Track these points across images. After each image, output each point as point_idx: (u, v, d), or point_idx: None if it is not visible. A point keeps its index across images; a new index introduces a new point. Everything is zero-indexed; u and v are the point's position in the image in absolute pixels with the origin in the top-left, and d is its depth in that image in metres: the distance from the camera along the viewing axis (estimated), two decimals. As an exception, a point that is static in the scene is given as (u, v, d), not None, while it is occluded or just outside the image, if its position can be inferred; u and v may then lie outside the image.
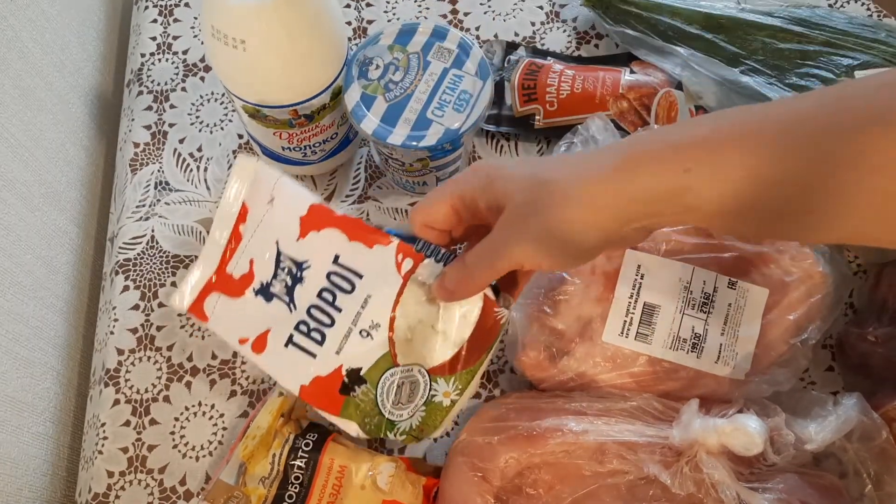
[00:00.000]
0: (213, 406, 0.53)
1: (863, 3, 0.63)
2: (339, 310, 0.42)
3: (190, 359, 0.54)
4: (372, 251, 0.42)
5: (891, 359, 0.47)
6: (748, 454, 0.43)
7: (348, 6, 0.65)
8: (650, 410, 0.46)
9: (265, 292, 0.43)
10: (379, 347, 0.42)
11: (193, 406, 0.53)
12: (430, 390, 0.42)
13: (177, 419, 0.52)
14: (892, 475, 0.44)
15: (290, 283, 0.43)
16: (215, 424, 0.52)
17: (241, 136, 0.61)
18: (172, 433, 0.52)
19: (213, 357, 0.54)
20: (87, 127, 0.63)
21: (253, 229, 0.44)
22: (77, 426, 0.58)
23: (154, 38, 0.64)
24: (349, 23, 0.65)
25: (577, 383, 0.49)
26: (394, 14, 0.65)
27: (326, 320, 0.42)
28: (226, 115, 0.62)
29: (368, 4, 0.65)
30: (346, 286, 0.42)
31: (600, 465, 0.44)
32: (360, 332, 0.42)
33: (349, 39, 0.64)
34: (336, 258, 0.43)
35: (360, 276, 0.42)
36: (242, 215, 0.44)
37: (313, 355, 0.42)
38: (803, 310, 0.47)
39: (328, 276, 0.43)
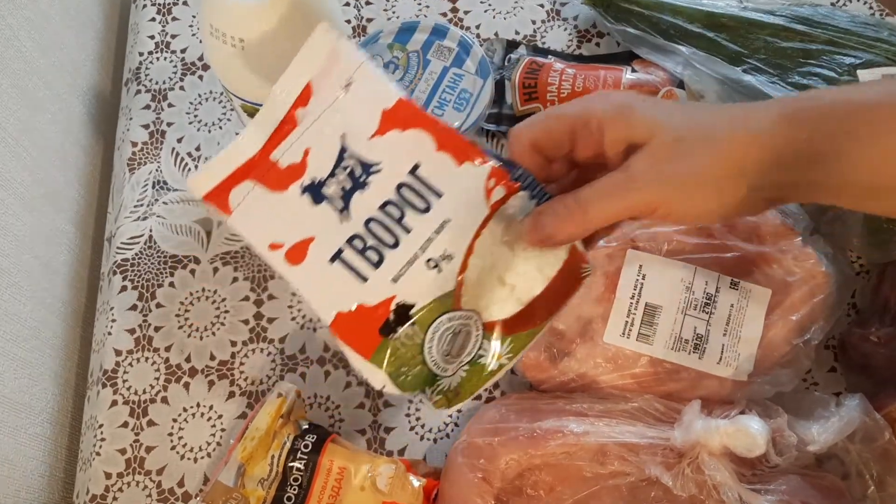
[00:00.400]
0: (211, 407, 0.52)
1: (865, 2, 0.63)
2: (408, 230, 0.36)
3: (188, 359, 0.54)
4: (460, 169, 0.36)
5: (893, 359, 0.47)
6: (750, 455, 0.43)
7: (347, 4, 0.65)
8: (651, 412, 0.46)
9: (315, 192, 0.36)
10: (444, 284, 0.35)
11: (192, 407, 0.52)
12: (479, 348, 0.36)
13: (175, 420, 0.52)
14: (894, 476, 0.44)
15: (348, 186, 0.36)
16: (214, 426, 0.52)
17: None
18: (171, 434, 0.52)
19: (212, 358, 0.54)
20: (85, 126, 0.63)
21: (315, 115, 0.36)
22: (75, 427, 0.58)
23: (152, 37, 0.64)
24: (348, 21, 0.65)
25: (577, 384, 0.48)
26: (393, 12, 0.65)
27: (389, 239, 0.36)
28: (224, 114, 0.61)
29: (368, 3, 0.65)
30: (420, 204, 0.36)
31: (601, 466, 0.44)
32: (428, 262, 0.35)
33: (348, 38, 0.64)
34: (415, 168, 0.36)
35: (440, 196, 0.36)
36: (304, 97, 0.36)
37: (364, 278, 0.35)
38: (806, 310, 0.47)
39: (399, 187, 0.36)
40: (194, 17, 0.65)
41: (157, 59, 0.63)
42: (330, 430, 0.48)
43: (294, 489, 0.45)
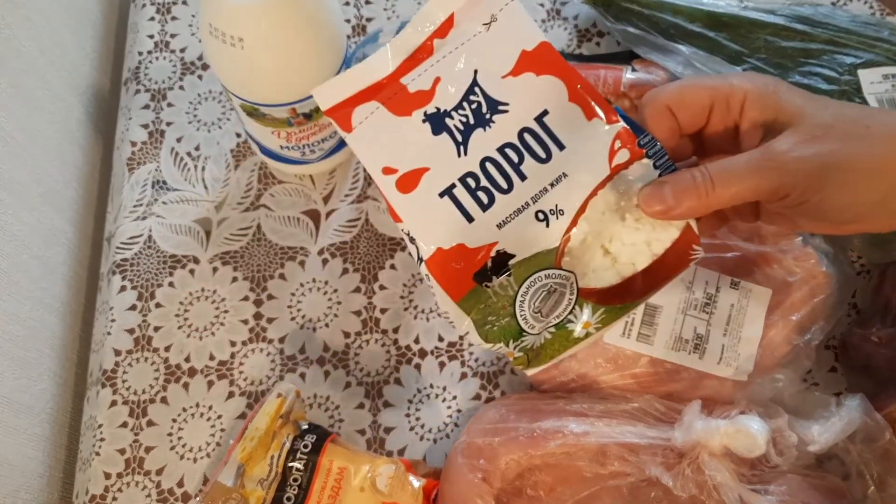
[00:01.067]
0: (210, 407, 0.52)
1: (865, 2, 0.63)
2: (523, 177, 0.35)
3: (188, 359, 0.54)
4: (588, 124, 0.35)
5: (894, 360, 0.47)
6: (751, 456, 0.43)
7: (347, 3, 0.65)
8: (652, 412, 0.46)
9: (438, 121, 0.35)
10: (549, 239, 0.34)
11: (191, 407, 0.52)
12: (569, 312, 0.35)
13: (174, 420, 0.52)
14: (895, 477, 0.44)
15: (472, 121, 0.35)
16: (213, 426, 0.52)
17: (238, 135, 0.60)
18: (170, 434, 0.52)
19: (211, 358, 0.54)
20: (84, 126, 0.63)
21: (452, 47, 0.36)
22: (74, 427, 0.58)
23: (151, 37, 0.64)
24: (348, 20, 0.64)
25: (578, 384, 0.48)
26: (393, 12, 0.65)
27: (503, 183, 0.34)
28: (224, 113, 0.61)
29: (367, 2, 0.65)
30: (541, 153, 0.35)
31: (601, 466, 0.44)
32: (537, 214, 0.34)
33: (348, 37, 0.64)
34: (542, 115, 0.35)
35: (562, 148, 0.35)
36: (444, 28, 0.35)
37: (470, 219, 0.34)
38: (806, 310, 0.47)
39: (523, 132, 0.35)
40: (194, 16, 0.65)
41: (157, 58, 0.63)
42: (330, 431, 0.48)
43: (294, 489, 0.44)
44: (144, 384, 0.53)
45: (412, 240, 0.35)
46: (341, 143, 0.56)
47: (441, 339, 0.54)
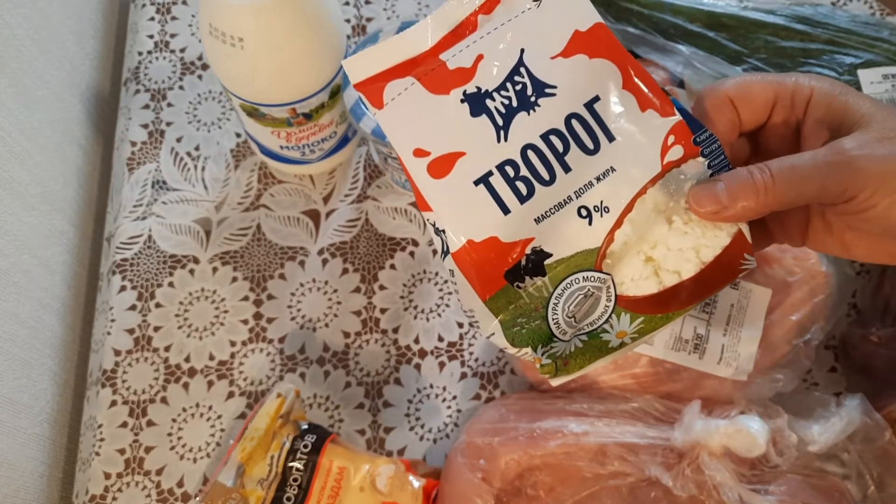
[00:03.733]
0: (210, 407, 0.52)
1: (865, 2, 0.63)
2: (567, 169, 0.32)
3: (188, 360, 0.54)
4: (642, 115, 0.32)
5: (894, 360, 0.47)
6: (750, 456, 0.43)
7: (347, 3, 0.65)
8: (651, 412, 0.46)
9: (478, 102, 0.32)
10: (591, 238, 0.31)
11: (191, 407, 0.52)
12: (605, 321, 0.32)
13: (174, 420, 0.52)
14: (894, 476, 0.44)
15: (514, 104, 0.32)
16: (213, 426, 0.52)
17: (238, 135, 0.60)
18: (170, 434, 0.52)
19: (211, 358, 0.54)
20: (84, 125, 0.63)
21: (497, 24, 0.33)
22: (74, 428, 0.58)
23: (151, 37, 0.64)
24: (348, 20, 0.64)
25: (577, 384, 0.48)
26: (393, 12, 0.65)
27: (545, 174, 0.32)
28: (224, 113, 0.61)
29: (367, 2, 0.65)
30: (588, 143, 0.32)
31: (601, 466, 0.44)
32: (580, 210, 0.31)
33: (348, 37, 0.64)
34: (593, 101, 0.32)
35: (612, 139, 0.32)
36: (490, 3, 0.33)
37: (506, 210, 0.31)
38: (806, 310, 0.47)
39: (570, 118, 0.32)
40: (193, 16, 0.65)
41: (157, 58, 0.63)
42: (330, 431, 0.48)
43: (293, 489, 0.44)
44: (144, 384, 0.53)
45: (439, 231, 0.33)
46: (341, 144, 0.56)
47: (441, 339, 0.54)
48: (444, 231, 0.32)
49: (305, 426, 0.48)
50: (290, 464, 0.45)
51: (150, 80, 0.62)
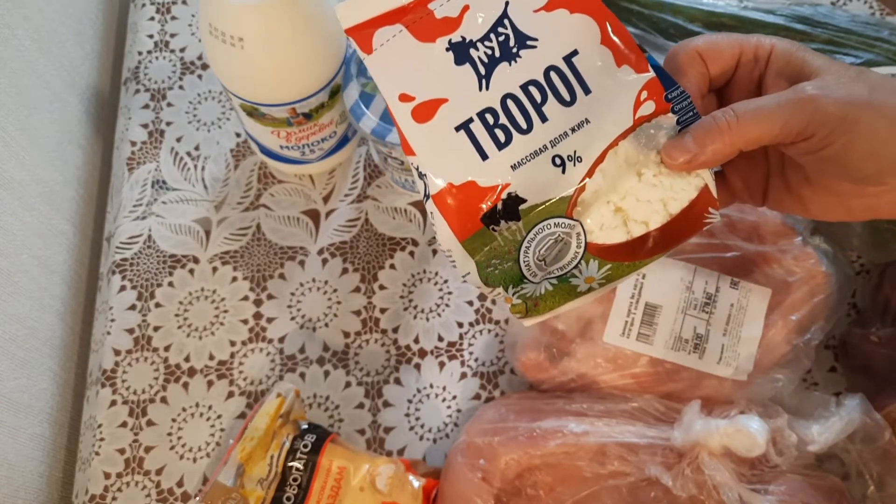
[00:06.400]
0: (210, 407, 0.52)
1: (865, 1, 0.63)
2: (544, 119, 0.33)
3: (187, 359, 0.54)
4: (617, 70, 0.33)
5: (894, 359, 0.47)
6: (750, 455, 0.43)
7: (347, 4, 0.65)
8: (651, 412, 0.46)
9: (462, 51, 0.34)
10: (563, 186, 0.33)
11: (191, 407, 0.52)
12: (574, 266, 0.34)
13: (174, 420, 0.52)
14: (894, 476, 0.44)
15: (497, 54, 0.34)
16: (213, 426, 0.52)
17: (238, 135, 0.60)
18: (170, 434, 0.52)
19: (211, 358, 0.54)
20: (84, 125, 0.63)
21: None
22: (74, 427, 0.58)
23: (151, 36, 0.64)
24: (348, 21, 0.64)
25: (577, 384, 0.48)
26: (393, 12, 0.64)
27: (522, 123, 0.33)
28: (223, 113, 0.61)
29: (367, 2, 0.65)
30: (566, 95, 0.33)
31: (601, 466, 0.44)
32: (554, 158, 0.33)
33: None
34: (572, 54, 0.34)
35: (588, 92, 0.33)
36: None
37: (484, 156, 0.33)
38: (806, 310, 0.47)
39: (548, 70, 0.34)
40: (193, 16, 0.65)
41: (157, 58, 0.63)
42: (329, 430, 0.48)
43: (293, 489, 0.44)
44: (144, 384, 0.53)
45: (421, 175, 0.34)
46: (341, 143, 0.56)
47: (441, 338, 0.54)
48: (425, 174, 0.34)
49: (305, 426, 0.48)
50: (290, 463, 0.45)
51: (150, 80, 0.62)
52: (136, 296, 0.55)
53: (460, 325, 0.54)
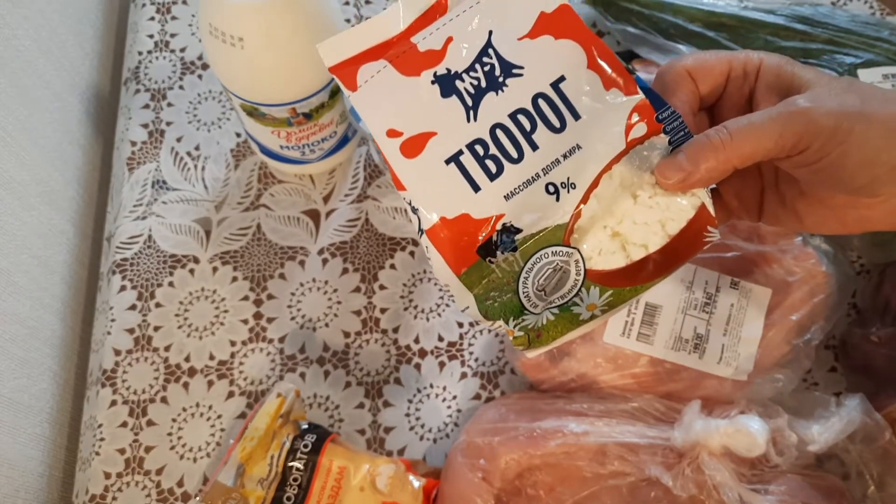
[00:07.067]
0: (210, 407, 0.52)
1: (865, 1, 0.63)
2: (535, 147, 0.33)
3: (188, 359, 0.54)
4: (606, 94, 0.33)
5: (894, 359, 0.47)
6: (750, 455, 0.43)
7: (347, 3, 0.65)
8: (651, 411, 0.46)
9: (447, 83, 0.33)
10: (559, 214, 0.33)
11: (191, 407, 0.52)
12: (575, 294, 0.33)
13: (174, 420, 0.52)
14: (894, 476, 0.44)
15: (483, 85, 0.33)
16: (213, 425, 0.52)
17: (238, 135, 0.60)
18: (170, 434, 0.52)
19: (211, 358, 0.54)
20: (84, 125, 0.63)
21: (466, 6, 0.34)
22: (74, 427, 0.58)
23: (151, 36, 0.64)
24: (348, 20, 0.64)
25: (578, 384, 0.48)
26: (393, 12, 0.64)
27: (513, 153, 0.33)
28: (224, 113, 0.61)
29: (367, 1, 0.65)
30: (555, 121, 0.33)
31: (601, 466, 0.44)
32: (547, 186, 0.33)
33: None
34: (559, 80, 0.33)
35: (577, 118, 0.33)
36: None
37: (476, 188, 0.33)
38: (806, 310, 0.47)
39: (536, 98, 0.33)
40: (193, 16, 0.65)
41: (157, 58, 0.63)
42: (330, 430, 0.48)
43: (293, 489, 0.44)
44: (144, 384, 0.53)
45: (414, 210, 0.34)
46: (341, 143, 0.56)
47: (441, 338, 0.54)
48: (417, 209, 0.33)
49: (305, 426, 0.48)
50: (290, 463, 0.45)
51: (150, 80, 0.62)
52: (136, 296, 0.55)
53: (460, 324, 0.54)
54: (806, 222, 0.35)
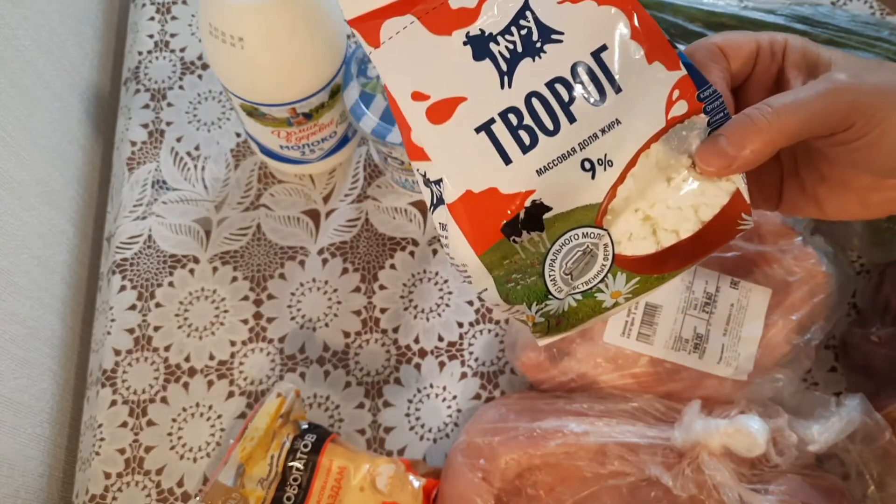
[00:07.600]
0: (210, 407, 0.52)
1: (865, 1, 0.63)
2: (572, 119, 0.30)
3: (188, 359, 0.54)
4: (648, 67, 0.31)
5: (894, 359, 0.47)
6: (750, 455, 0.43)
7: (347, 4, 0.65)
8: (652, 411, 0.46)
9: (481, 45, 0.31)
10: (593, 193, 0.30)
11: (191, 407, 0.52)
12: (600, 280, 0.31)
13: (174, 420, 0.52)
14: (894, 476, 0.44)
15: (519, 49, 0.31)
16: (213, 425, 0.52)
17: (238, 135, 0.60)
18: (170, 434, 0.52)
19: (211, 358, 0.54)
20: (84, 125, 0.63)
21: None
22: (74, 427, 0.58)
23: (151, 36, 0.64)
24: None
25: (578, 384, 0.48)
26: (393, 12, 0.64)
27: (549, 124, 0.30)
28: (224, 113, 0.61)
29: (367, 2, 0.65)
30: (594, 93, 0.30)
31: (601, 466, 0.44)
32: (584, 162, 0.30)
33: (348, 37, 0.64)
34: (600, 49, 0.31)
35: (618, 91, 0.31)
36: None
37: (507, 160, 0.30)
38: (806, 310, 0.47)
39: (576, 66, 0.31)
40: (193, 16, 0.65)
41: (157, 58, 0.63)
42: (330, 430, 0.48)
43: (293, 489, 0.44)
44: (144, 384, 0.53)
45: (430, 182, 0.31)
46: (341, 143, 0.56)
47: (441, 338, 0.54)
48: (439, 181, 0.31)
49: (305, 426, 0.48)
50: (290, 463, 0.45)
51: (150, 80, 0.62)
52: (136, 296, 0.55)
53: (460, 324, 0.54)
54: (826, 208, 0.34)
